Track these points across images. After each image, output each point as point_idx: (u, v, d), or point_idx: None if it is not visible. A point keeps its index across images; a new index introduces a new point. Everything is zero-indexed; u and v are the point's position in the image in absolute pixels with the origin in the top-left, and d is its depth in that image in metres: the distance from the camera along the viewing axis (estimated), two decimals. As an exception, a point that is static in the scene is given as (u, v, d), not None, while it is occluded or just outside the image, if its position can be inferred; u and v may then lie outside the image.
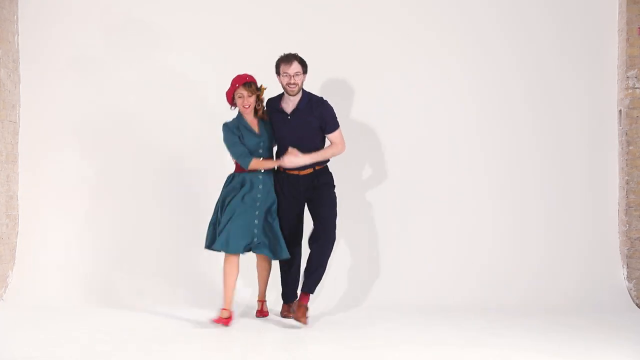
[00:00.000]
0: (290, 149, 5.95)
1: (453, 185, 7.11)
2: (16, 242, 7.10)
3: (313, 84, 6.39)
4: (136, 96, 7.16)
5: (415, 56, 7.14)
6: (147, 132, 7.15)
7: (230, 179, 6.09)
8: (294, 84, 5.95)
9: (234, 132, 6.00)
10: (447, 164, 7.12)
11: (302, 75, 6.00)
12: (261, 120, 6.10)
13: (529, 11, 7.13)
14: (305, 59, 6.01)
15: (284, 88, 6.04)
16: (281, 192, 6.09)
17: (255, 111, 6.07)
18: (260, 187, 6.02)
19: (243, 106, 5.98)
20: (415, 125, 7.13)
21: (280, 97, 6.12)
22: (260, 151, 6.05)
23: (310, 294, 6.03)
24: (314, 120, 6.00)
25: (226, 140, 6.02)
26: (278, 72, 6.01)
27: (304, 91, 6.06)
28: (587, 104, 7.11)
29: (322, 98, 6.11)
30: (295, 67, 5.94)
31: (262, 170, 6.05)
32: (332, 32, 7.11)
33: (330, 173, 6.17)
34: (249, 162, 5.96)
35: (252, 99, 5.99)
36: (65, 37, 7.17)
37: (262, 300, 6.32)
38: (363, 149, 7.03)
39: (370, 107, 7.13)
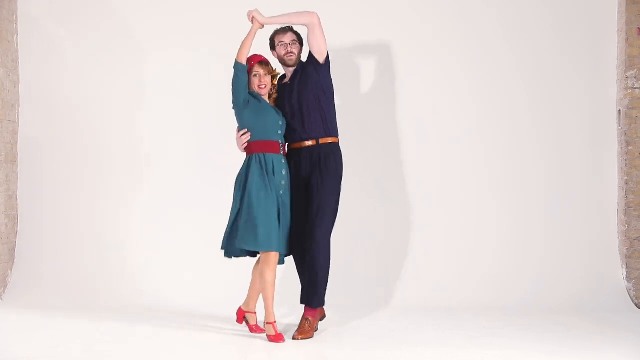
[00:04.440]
0: (249, 11, 5.67)
1: (452, 185, 7.11)
2: (15, 242, 7.09)
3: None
4: (137, 96, 7.15)
5: (415, 56, 7.14)
6: (148, 132, 7.15)
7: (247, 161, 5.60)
8: (291, 52, 5.70)
9: (251, 94, 5.60)
10: (447, 165, 7.12)
11: (299, 45, 5.75)
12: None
13: (529, 11, 7.13)
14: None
15: (281, 61, 5.75)
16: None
17: (269, 96, 5.70)
18: (284, 172, 5.59)
19: (259, 86, 5.61)
20: (414, 127, 7.12)
21: (281, 79, 5.86)
22: (280, 132, 5.63)
23: (310, 307, 5.64)
24: (311, 70, 5.69)
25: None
26: (273, 47, 5.78)
27: (301, 61, 5.78)
28: (586, 104, 7.11)
29: None
30: (291, 35, 5.71)
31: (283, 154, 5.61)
32: (332, 31, 7.10)
33: (340, 152, 5.74)
34: (237, 63, 5.53)
35: (268, 79, 5.64)
36: (65, 37, 7.16)
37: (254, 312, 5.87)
38: (363, 150, 7.03)
39: (371, 108, 7.13)
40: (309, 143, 5.70)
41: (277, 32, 5.78)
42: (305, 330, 5.60)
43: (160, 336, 5.61)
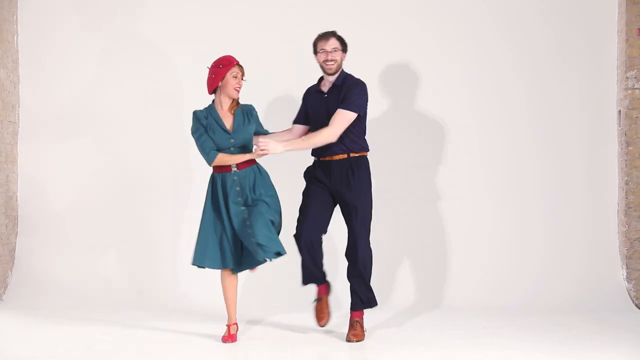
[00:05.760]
0: (260, 138, 5.50)
1: (452, 186, 7.11)
2: (15, 243, 7.10)
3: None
4: (137, 97, 7.16)
5: (413, 56, 7.14)
6: (148, 132, 7.15)
7: (211, 181, 5.58)
8: (331, 60, 5.57)
9: (201, 122, 5.45)
10: (446, 165, 7.12)
11: (341, 52, 5.61)
12: (239, 116, 5.51)
13: (529, 11, 7.13)
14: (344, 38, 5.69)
15: (321, 67, 5.64)
16: (312, 176, 5.72)
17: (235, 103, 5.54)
18: (238, 189, 5.47)
19: (235, 88, 5.45)
20: (414, 126, 7.13)
21: (319, 82, 5.79)
22: (232, 149, 5.48)
23: (359, 310, 5.69)
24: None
25: (193, 130, 5.47)
26: (315, 51, 5.67)
27: (343, 71, 5.68)
28: (586, 105, 7.11)
29: (360, 79, 5.68)
30: (333, 42, 5.57)
31: (235, 168, 5.46)
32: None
33: (367, 163, 5.71)
34: (212, 157, 5.40)
35: (241, 83, 5.51)
36: (65, 38, 7.17)
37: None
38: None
39: (372, 111, 7.12)
40: (340, 157, 5.66)
41: (319, 37, 5.66)
42: (357, 333, 5.60)
43: (160, 336, 5.61)
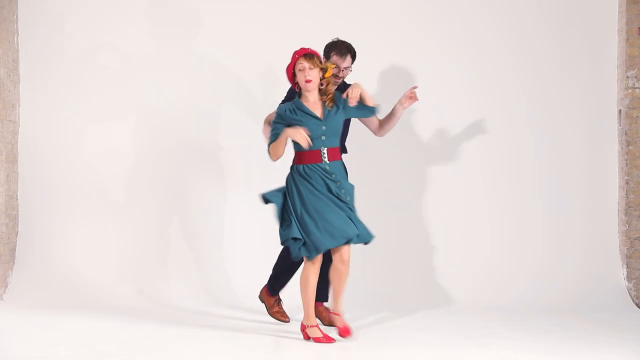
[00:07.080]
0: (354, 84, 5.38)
1: (452, 185, 7.11)
2: (16, 242, 7.09)
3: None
4: (138, 96, 7.15)
5: (412, 57, 7.13)
6: (147, 131, 7.15)
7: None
8: (340, 77, 5.70)
9: (281, 117, 5.30)
10: (445, 165, 7.12)
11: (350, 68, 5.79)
12: (332, 106, 5.34)
13: (529, 11, 7.13)
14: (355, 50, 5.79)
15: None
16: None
17: (322, 92, 5.34)
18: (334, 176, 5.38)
19: (304, 80, 5.23)
20: (412, 125, 7.13)
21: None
22: (323, 138, 5.30)
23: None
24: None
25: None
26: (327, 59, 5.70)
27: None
28: (587, 104, 7.11)
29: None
30: (348, 62, 5.73)
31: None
32: (330, 32, 7.10)
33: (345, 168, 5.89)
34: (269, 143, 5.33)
35: (315, 73, 5.25)
36: (65, 37, 7.17)
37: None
38: (359, 150, 7.03)
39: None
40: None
41: (336, 51, 5.73)
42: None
43: (160, 336, 5.61)
